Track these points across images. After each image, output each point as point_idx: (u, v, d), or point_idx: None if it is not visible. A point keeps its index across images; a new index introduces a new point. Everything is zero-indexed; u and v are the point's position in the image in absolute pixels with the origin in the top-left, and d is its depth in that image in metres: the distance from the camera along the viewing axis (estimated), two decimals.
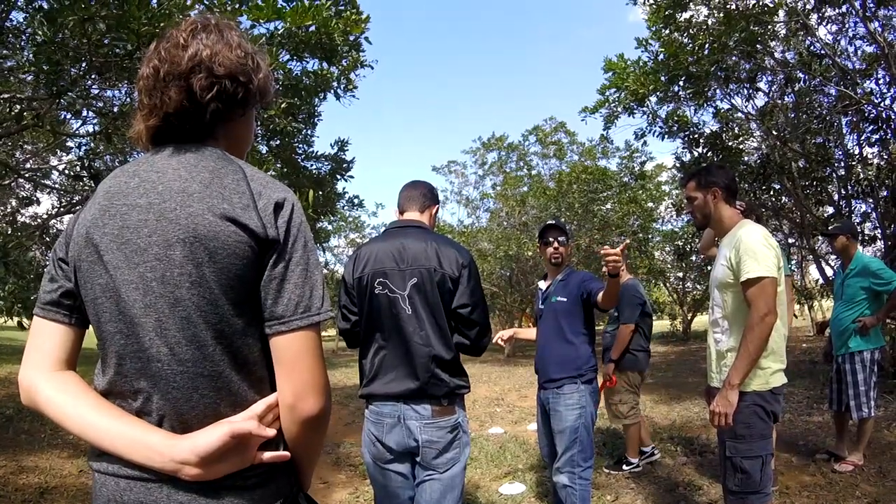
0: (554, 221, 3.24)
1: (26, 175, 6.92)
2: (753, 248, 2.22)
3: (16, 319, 4.57)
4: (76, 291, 0.98)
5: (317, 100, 6.64)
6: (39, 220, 7.64)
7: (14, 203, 9.23)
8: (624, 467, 4.39)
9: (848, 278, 4.18)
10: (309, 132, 7.19)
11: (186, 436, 0.89)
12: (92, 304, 0.95)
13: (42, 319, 0.99)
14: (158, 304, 0.90)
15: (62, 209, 7.74)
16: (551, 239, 3.14)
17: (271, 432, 0.93)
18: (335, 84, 6.37)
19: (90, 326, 1.00)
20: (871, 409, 3.97)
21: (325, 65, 5.97)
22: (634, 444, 4.43)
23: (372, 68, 6.51)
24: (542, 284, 3.30)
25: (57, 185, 7.98)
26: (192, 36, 0.98)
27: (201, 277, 0.89)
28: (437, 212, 2.36)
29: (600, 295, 2.81)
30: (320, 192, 6.94)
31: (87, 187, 5.94)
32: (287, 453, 0.96)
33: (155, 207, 0.92)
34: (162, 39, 1.01)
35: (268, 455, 0.93)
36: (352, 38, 5.71)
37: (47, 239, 7.88)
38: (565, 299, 3.03)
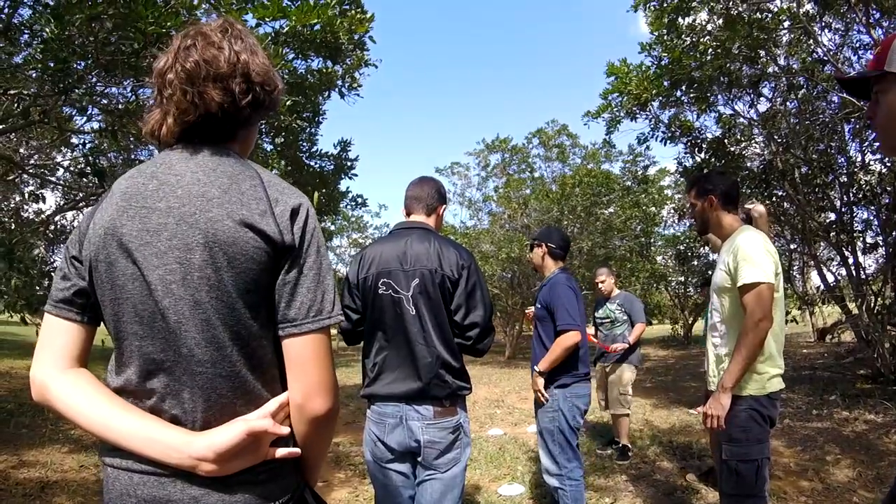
0: (536, 235, 3.41)
1: (31, 171, 6.95)
2: (751, 253, 2.23)
3: (18, 315, 4.58)
4: (90, 290, 0.98)
5: (321, 98, 6.67)
6: (44, 217, 7.67)
7: (18, 199, 9.26)
8: (629, 454, 4.80)
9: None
10: (313, 130, 7.22)
11: (203, 433, 0.90)
12: (110, 304, 0.95)
13: (54, 317, 0.98)
14: (179, 305, 0.91)
15: (66, 206, 7.77)
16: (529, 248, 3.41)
17: (285, 430, 0.95)
18: (339, 82, 6.40)
19: (101, 324, 1.00)
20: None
21: (329, 63, 6.00)
22: (626, 430, 5.01)
23: (376, 67, 6.54)
24: None
25: (62, 182, 8.00)
26: (223, 37, 0.99)
27: (220, 281, 0.91)
28: (444, 211, 2.34)
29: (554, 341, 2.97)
30: (323, 190, 6.97)
31: (90, 184, 5.97)
32: (298, 450, 0.98)
33: (175, 211, 0.93)
34: (188, 36, 1.00)
35: (280, 451, 0.95)
36: (356, 36, 5.73)
37: (51, 235, 7.92)
38: (540, 306, 3.12)
